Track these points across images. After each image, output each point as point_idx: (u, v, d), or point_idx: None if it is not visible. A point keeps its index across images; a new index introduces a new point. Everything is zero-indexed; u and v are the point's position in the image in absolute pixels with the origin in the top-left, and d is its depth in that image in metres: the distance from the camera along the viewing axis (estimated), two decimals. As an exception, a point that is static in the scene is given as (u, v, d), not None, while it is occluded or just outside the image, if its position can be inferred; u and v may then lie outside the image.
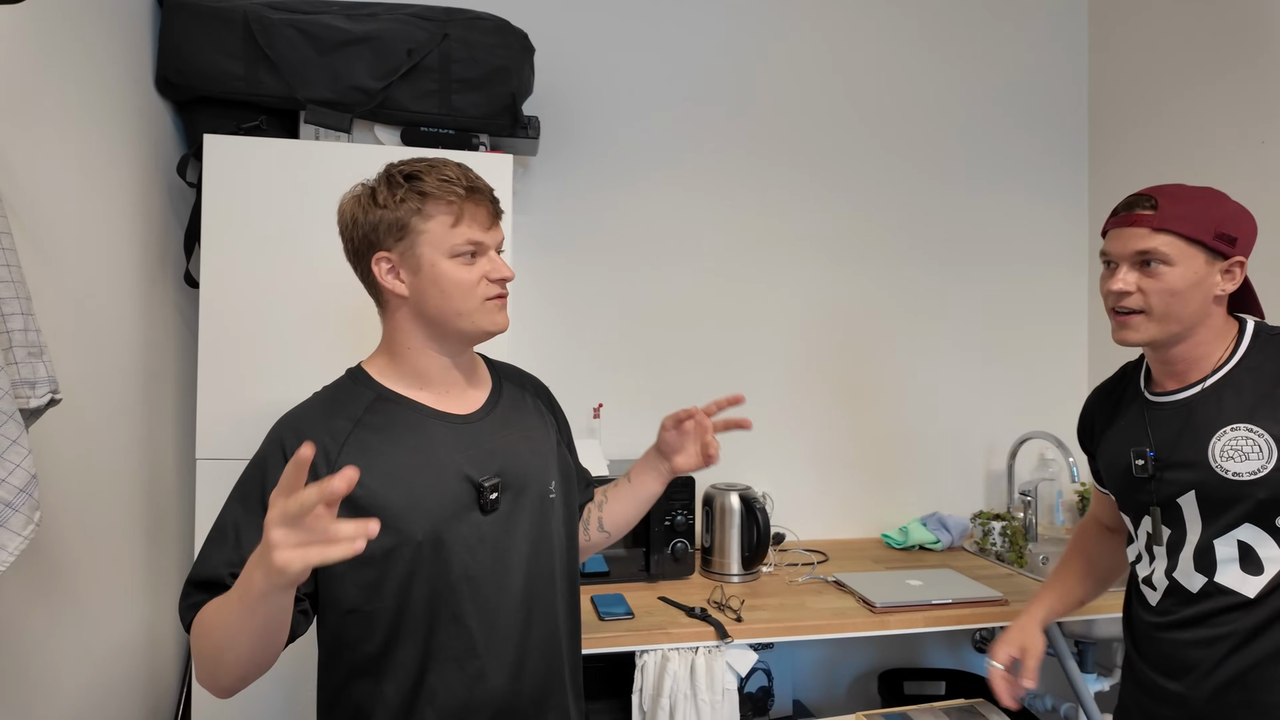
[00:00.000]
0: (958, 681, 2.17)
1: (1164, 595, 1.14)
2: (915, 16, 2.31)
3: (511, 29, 1.66)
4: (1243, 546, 1.07)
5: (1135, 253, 1.09)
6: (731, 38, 2.21)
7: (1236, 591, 1.07)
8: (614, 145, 2.15)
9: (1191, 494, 1.10)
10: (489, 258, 1.01)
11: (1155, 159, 2.18)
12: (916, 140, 2.31)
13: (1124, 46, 2.29)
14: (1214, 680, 1.09)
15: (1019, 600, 1.72)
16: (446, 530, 0.98)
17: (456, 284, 0.98)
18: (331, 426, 0.99)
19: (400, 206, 0.97)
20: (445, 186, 0.97)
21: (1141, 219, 1.09)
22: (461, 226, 0.98)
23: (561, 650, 1.07)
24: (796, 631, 1.59)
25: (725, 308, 2.21)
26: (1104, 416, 1.28)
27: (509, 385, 1.15)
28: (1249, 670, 1.06)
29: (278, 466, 0.96)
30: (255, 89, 1.56)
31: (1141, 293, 1.10)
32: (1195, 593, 1.10)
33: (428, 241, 0.97)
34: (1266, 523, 1.05)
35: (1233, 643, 1.07)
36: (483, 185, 1.02)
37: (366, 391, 1.04)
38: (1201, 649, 1.10)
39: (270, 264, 1.53)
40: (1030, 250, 2.38)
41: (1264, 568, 1.05)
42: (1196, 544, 1.10)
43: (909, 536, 2.15)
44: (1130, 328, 1.12)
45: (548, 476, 1.09)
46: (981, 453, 2.36)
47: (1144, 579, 1.19)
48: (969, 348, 2.35)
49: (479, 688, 0.99)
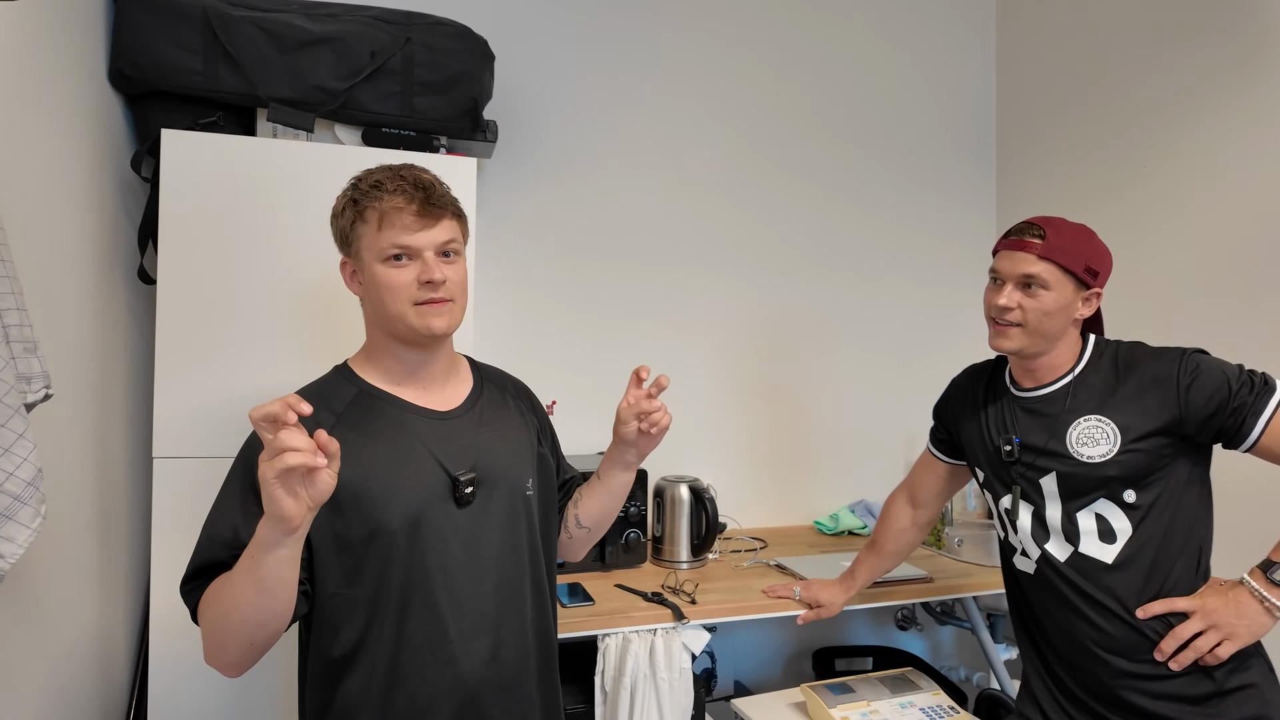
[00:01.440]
0: (883, 656, 2.34)
1: (1038, 564, 1.32)
2: (840, 44, 2.47)
3: (473, 35, 1.71)
4: (1100, 519, 1.26)
5: (1022, 275, 1.27)
6: (668, 57, 2.31)
7: (1097, 559, 1.25)
8: (562, 152, 2.22)
9: (1053, 475, 1.28)
10: (423, 260, 1.02)
11: (1055, 179, 2.42)
12: (840, 159, 2.48)
13: (1027, 77, 2.52)
14: (1090, 634, 1.26)
15: (942, 578, 1.90)
16: (422, 519, 1.04)
17: (386, 286, 1.03)
18: (316, 419, 1.04)
19: (342, 216, 1.05)
20: (372, 193, 1.02)
21: (1030, 246, 1.27)
22: (386, 231, 1.02)
23: (529, 641, 1.12)
24: (746, 611, 1.70)
25: (669, 311, 2.31)
26: (970, 400, 1.45)
27: (490, 386, 1.20)
28: (1113, 622, 1.25)
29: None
30: (214, 85, 1.55)
31: (1021, 309, 1.28)
32: (1063, 561, 1.28)
33: (364, 247, 1.04)
34: (1116, 498, 1.25)
35: (1098, 601, 1.25)
36: (415, 186, 1.02)
37: (350, 387, 1.09)
38: (1074, 610, 1.28)
39: (230, 261, 1.52)
40: (942, 259, 2.59)
41: (1117, 537, 1.25)
42: (1060, 518, 1.28)
43: (839, 523, 2.30)
44: (1006, 337, 1.30)
45: (524, 475, 1.14)
46: (901, 444, 2.55)
47: (1021, 551, 1.36)
48: (888, 348, 2.53)
49: (450, 673, 1.04)
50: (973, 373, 1.51)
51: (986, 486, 1.41)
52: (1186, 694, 1.21)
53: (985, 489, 1.42)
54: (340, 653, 1.03)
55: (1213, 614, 1.17)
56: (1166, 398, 1.23)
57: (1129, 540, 1.25)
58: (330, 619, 1.03)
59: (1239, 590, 1.19)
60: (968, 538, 2.33)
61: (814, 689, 1.68)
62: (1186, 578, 1.24)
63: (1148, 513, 1.24)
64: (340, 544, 1.02)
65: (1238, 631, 1.16)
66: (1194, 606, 1.20)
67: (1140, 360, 1.28)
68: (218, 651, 0.92)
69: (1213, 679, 1.20)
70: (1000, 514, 1.39)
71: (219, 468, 1.50)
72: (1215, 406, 1.21)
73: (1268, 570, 1.17)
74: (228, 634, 0.90)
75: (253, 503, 0.96)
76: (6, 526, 0.81)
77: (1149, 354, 1.29)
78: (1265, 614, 1.15)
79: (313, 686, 1.06)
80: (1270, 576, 1.17)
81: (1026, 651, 1.41)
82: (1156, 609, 1.22)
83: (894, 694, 1.70)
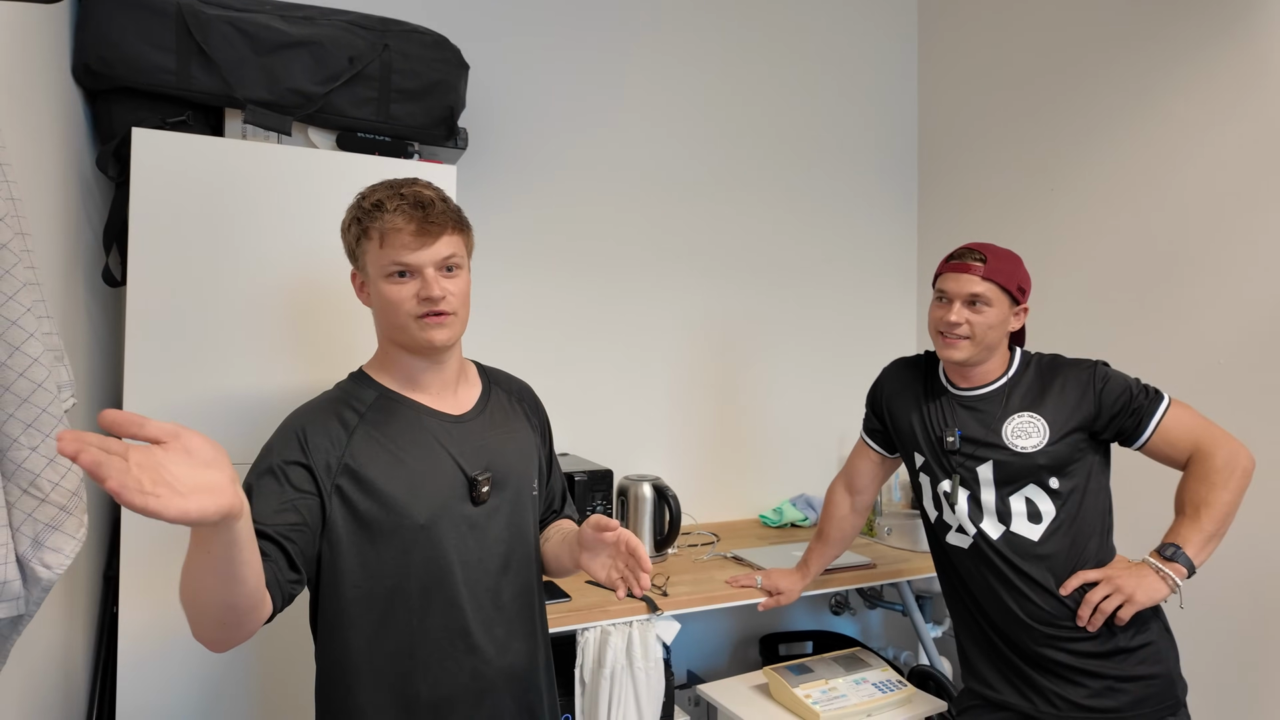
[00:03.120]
0: (822, 639, 2.50)
1: (974, 539, 1.49)
2: (780, 71, 2.63)
3: (449, 45, 1.73)
4: (1029, 502, 1.45)
5: (968, 294, 1.45)
6: (626, 76, 2.39)
7: (1026, 537, 1.44)
8: (525, 161, 2.26)
9: (990, 463, 1.46)
10: (423, 276, 1.05)
11: (970, 198, 2.65)
12: (779, 175, 2.63)
13: (946, 105, 2.75)
14: (1018, 603, 1.44)
15: (884, 564, 2.06)
16: (442, 517, 1.09)
17: (388, 301, 1.07)
18: (343, 417, 1.09)
19: (349, 232, 1.10)
20: (373, 212, 1.06)
21: (974, 268, 1.46)
22: (386, 249, 1.05)
23: (536, 632, 1.19)
24: (714, 601, 1.80)
25: (623, 315, 2.39)
26: (910, 395, 1.61)
27: (498, 390, 1.26)
28: (1039, 592, 1.43)
29: (291, 448, 1.05)
30: (186, 84, 1.51)
31: (969, 324, 1.45)
32: (996, 539, 1.46)
33: (369, 263, 1.09)
34: (1043, 484, 1.44)
35: (1027, 573, 1.43)
36: (414, 205, 1.04)
37: (369, 391, 1.13)
38: (1005, 581, 1.45)
39: (202, 264, 1.49)
40: (871, 269, 2.79)
41: (1043, 518, 1.44)
42: (995, 502, 1.46)
43: (782, 516, 2.45)
44: (956, 349, 1.48)
45: (530, 475, 1.21)
46: (834, 440, 2.72)
47: (957, 529, 1.52)
48: (822, 351, 2.70)
49: (469, 665, 1.09)
50: (905, 365, 1.67)
51: (925, 471, 1.57)
52: (1099, 651, 1.40)
53: (923, 473, 1.58)
54: (360, 646, 1.06)
55: (1117, 581, 1.37)
56: (1085, 399, 1.44)
57: (1053, 521, 1.43)
58: (349, 614, 1.06)
59: (1141, 565, 1.39)
60: (896, 526, 2.52)
61: (776, 671, 1.80)
62: (1097, 554, 1.44)
63: (1068, 498, 1.44)
64: (364, 539, 1.06)
65: (1138, 596, 1.35)
66: (1103, 575, 1.39)
67: (1061, 368, 1.50)
68: (194, 628, 0.87)
69: (1119, 638, 1.40)
70: (938, 496, 1.54)
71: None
72: (1120, 407, 1.43)
73: (1163, 551, 1.37)
74: (198, 614, 0.85)
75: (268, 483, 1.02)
76: (54, 537, 0.81)
77: (1067, 363, 1.50)
78: (1160, 582, 1.35)
79: (329, 684, 1.08)
80: (1164, 555, 1.37)
81: (962, 623, 1.57)
82: (1074, 582, 1.41)
83: (848, 672, 1.84)
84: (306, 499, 1.02)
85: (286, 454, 1.04)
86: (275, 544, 0.96)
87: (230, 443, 1.49)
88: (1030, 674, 1.45)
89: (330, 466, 1.05)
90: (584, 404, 2.33)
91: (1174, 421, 1.43)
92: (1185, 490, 1.42)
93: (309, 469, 1.04)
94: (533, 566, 1.19)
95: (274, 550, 0.96)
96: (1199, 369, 1.97)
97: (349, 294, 1.58)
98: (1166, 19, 2.05)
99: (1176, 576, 1.34)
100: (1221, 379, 1.93)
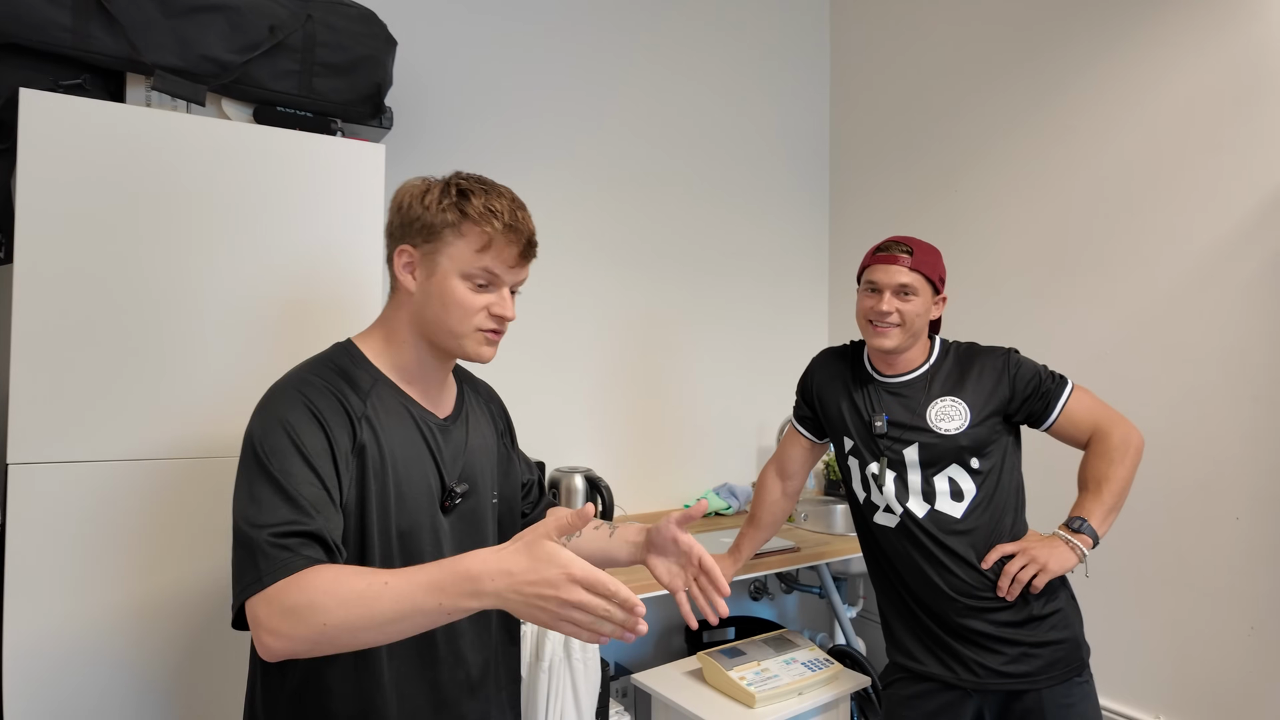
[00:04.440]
0: (744, 624, 2.56)
1: (901, 518, 1.56)
2: (704, 76, 2.67)
3: (376, 19, 1.66)
4: (951, 482, 1.53)
5: (898, 284, 1.53)
6: (556, 67, 2.36)
7: (949, 515, 1.52)
8: (451, 145, 2.19)
9: (915, 445, 1.54)
10: (500, 294, 1.05)
11: (877, 197, 2.78)
12: (701, 174, 2.67)
13: (856, 111, 2.87)
14: (942, 576, 1.52)
15: (807, 548, 2.13)
16: (420, 524, 1.04)
17: (458, 304, 1.02)
18: (348, 402, 1.00)
19: (441, 214, 1.02)
20: (488, 215, 1.01)
21: (902, 260, 1.53)
22: (486, 255, 1.02)
23: (491, 642, 1.14)
24: (649, 589, 1.80)
25: (551, 306, 2.36)
26: (840, 383, 1.67)
27: (469, 391, 1.21)
28: (961, 566, 1.51)
29: (309, 428, 0.94)
30: (85, 44, 1.38)
31: (898, 312, 1.53)
32: (922, 517, 1.54)
33: (450, 255, 1.02)
34: (965, 464, 1.53)
35: (950, 548, 1.52)
36: (525, 227, 1.05)
37: (365, 374, 1.05)
38: (930, 557, 1.53)
39: (101, 241, 1.36)
40: (786, 266, 2.87)
41: (964, 496, 1.53)
42: (920, 482, 1.54)
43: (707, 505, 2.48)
44: (887, 336, 1.55)
45: (492, 482, 1.17)
46: (753, 431, 2.79)
47: (885, 509, 1.59)
48: (739, 343, 2.76)
49: (432, 676, 1.05)
50: (834, 354, 1.74)
51: (854, 454, 1.63)
52: (1014, 620, 1.50)
53: (852, 456, 1.64)
54: (336, 661, 0.99)
55: (1032, 552, 1.47)
56: (1000, 384, 1.54)
57: (974, 499, 1.52)
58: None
59: (1052, 538, 1.49)
60: (811, 512, 2.61)
61: (710, 655, 1.83)
62: (1012, 529, 1.55)
63: (986, 477, 1.53)
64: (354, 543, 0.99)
65: (1051, 565, 1.45)
66: (1019, 548, 1.49)
67: (978, 354, 1.59)
68: (299, 640, 0.81)
69: (1033, 606, 1.50)
70: (866, 478, 1.61)
71: (87, 474, 1.35)
72: (1030, 391, 1.53)
73: (1071, 524, 1.49)
74: (339, 641, 0.82)
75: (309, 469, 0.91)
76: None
77: (983, 350, 1.60)
78: (1070, 552, 1.46)
79: (291, 697, 1.01)
80: (1071, 527, 1.48)
81: (887, 600, 1.65)
82: (994, 555, 1.50)
83: (778, 653, 1.89)
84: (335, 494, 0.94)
85: (314, 444, 0.93)
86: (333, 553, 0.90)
87: (121, 432, 1.37)
88: (952, 644, 1.53)
89: (347, 459, 0.97)
90: (508, 397, 2.27)
91: (1077, 404, 1.55)
92: (1087, 468, 1.54)
93: (334, 462, 0.95)
94: None
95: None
96: (1084, 358, 2.14)
97: (268, 273, 1.49)
98: (1060, 38, 2.22)
99: (1084, 546, 1.46)
100: (1103, 367, 2.10)
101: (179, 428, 1.42)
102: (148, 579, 1.39)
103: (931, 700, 1.55)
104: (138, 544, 1.38)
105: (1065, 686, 1.49)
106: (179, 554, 1.41)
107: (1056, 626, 1.51)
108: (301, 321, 1.53)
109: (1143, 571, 2.02)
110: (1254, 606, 1.82)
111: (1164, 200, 1.99)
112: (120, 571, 1.37)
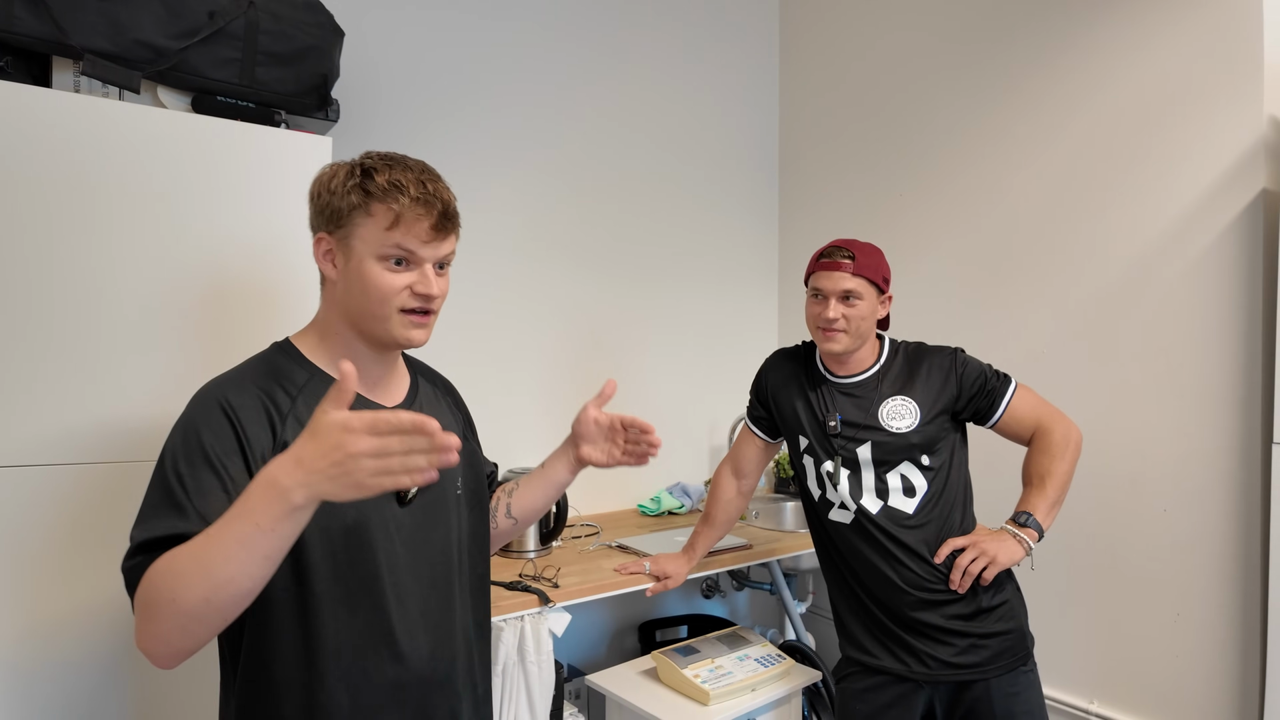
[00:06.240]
0: (696, 622, 2.57)
1: (855, 515, 1.59)
2: (655, 79, 2.67)
3: (323, 9, 1.60)
4: (904, 479, 1.57)
5: (842, 290, 1.55)
6: (507, 63, 2.33)
7: (902, 510, 1.56)
8: (397, 140, 2.14)
9: (868, 444, 1.57)
10: (421, 271, 1.00)
11: (825, 201, 2.82)
12: (653, 175, 2.67)
13: (803, 117, 2.91)
14: (895, 571, 1.55)
15: (759, 545, 2.15)
16: (371, 516, 1.01)
17: (376, 286, 0.99)
18: (274, 399, 0.97)
19: (346, 197, 0.98)
20: (392, 190, 0.97)
21: (844, 266, 1.56)
22: (396, 232, 0.97)
23: (457, 637, 1.10)
24: (605, 589, 1.80)
25: (499, 306, 2.33)
26: (795, 384, 1.69)
27: (424, 381, 1.18)
28: (914, 560, 1.54)
29: (218, 426, 0.93)
30: (7, 24, 1.30)
31: (845, 318, 1.55)
32: (876, 513, 1.57)
33: (361, 237, 0.99)
34: (916, 461, 1.57)
35: (904, 543, 1.55)
36: (438, 197, 1.00)
37: (299, 370, 1.02)
38: (883, 552, 1.56)
39: (24, 234, 1.29)
40: (737, 268, 2.90)
41: (916, 493, 1.56)
42: (874, 479, 1.57)
43: (660, 504, 2.49)
44: (835, 342, 1.57)
45: (456, 473, 1.14)
46: (705, 430, 2.81)
47: (839, 505, 1.62)
48: (691, 344, 2.77)
49: (393, 671, 1.02)
50: (786, 355, 1.75)
51: (809, 453, 1.65)
52: (964, 612, 1.54)
53: (807, 455, 1.66)
54: (282, 653, 0.97)
55: (982, 545, 1.51)
56: (948, 382, 1.58)
57: (925, 494, 1.56)
58: (276, 618, 0.96)
59: (1000, 531, 1.54)
60: (762, 510, 2.64)
61: (665, 654, 1.83)
62: (962, 524, 1.59)
63: (937, 473, 1.57)
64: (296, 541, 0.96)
65: (1000, 558, 1.50)
66: (969, 542, 1.53)
67: (926, 354, 1.63)
68: (163, 636, 0.81)
69: (981, 599, 1.54)
70: (821, 476, 1.63)
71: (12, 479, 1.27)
72: (976, 389, 1.58)
73: (1017, 518, 1.53)
74: (192, 616, 0.80)
75: (208, 473, 0.90)
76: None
77: (930, 350, 1.64)
78: (1018, 545, 1.51)
79: (246, 692, 0.98)
80: (1018, 521, 1.53)
81: (841, 595, 1.67)
82: (945, 550, 1.54)
83: (731, 650, 1.90)
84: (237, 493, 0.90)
85: (222, 442, 0.92)
86: None
87: (53, 433, 1.30)
88: (905, 637, 1.56)
89: (265, 459, 0.94)
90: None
91: (1020, 402, 1.60)
92: (1030, 463, 1.59)
93: (246, 460, 0.93)
94: (456, 566, 1.12)
95: None
96: (1022, 357, 2.22)
97: (203, 270, 1.43)
98: (1001, 48, 2.29)
99: (1030, 540, 1.50)
100: (1040, 366, 2.18)
101: (105, 430, 1.35)
102: (67, 590, 1.32)
103: (884, 693, 1.58)
104: (56, 553, 1.31)
105: (1011, 676, 1.53)
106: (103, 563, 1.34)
107: (1003, 618, 1.56)
108: (242, 320, 1.47)
109: (1077, 563, 2.10)
110: (1179, 595, 1.91)
111: (1096, 206, 2.07)
112: (43, 582, 1.30)
